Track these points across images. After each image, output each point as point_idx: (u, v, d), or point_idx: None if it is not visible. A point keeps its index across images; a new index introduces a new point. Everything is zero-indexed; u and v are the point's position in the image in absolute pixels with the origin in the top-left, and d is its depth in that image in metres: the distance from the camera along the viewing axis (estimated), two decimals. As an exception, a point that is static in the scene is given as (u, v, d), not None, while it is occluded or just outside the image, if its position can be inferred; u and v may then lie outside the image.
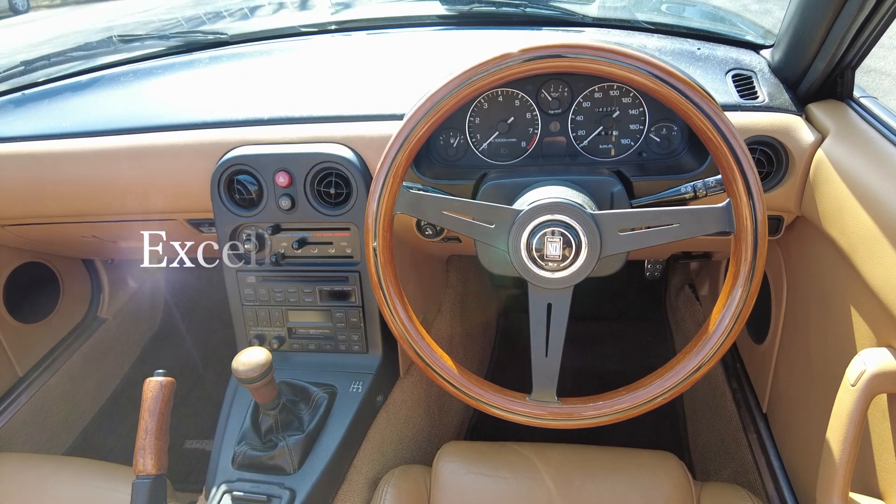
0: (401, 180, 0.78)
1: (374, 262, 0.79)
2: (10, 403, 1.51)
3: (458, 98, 0.75)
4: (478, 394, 0.80)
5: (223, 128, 1.11)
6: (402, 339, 0.81)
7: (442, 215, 0.78)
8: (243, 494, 0.91)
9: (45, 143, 1.21)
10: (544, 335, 0.80)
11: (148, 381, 0.88)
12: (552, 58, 0.72)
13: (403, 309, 0.81)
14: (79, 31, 11.27)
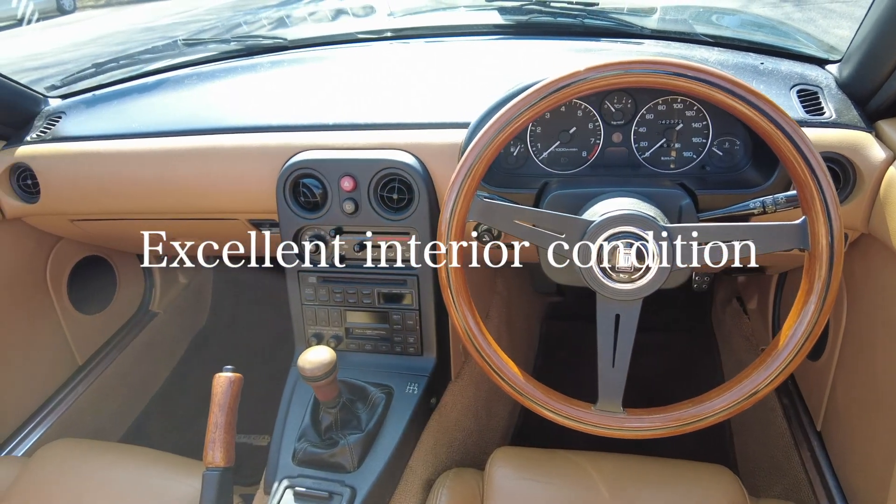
0: (475, 189, 0.79)
1: (446, 268, 0.81)
2: (70, 391, 1.57)
3: (541, 107, 0.76)
4: (544, 401, 0.81)
5: (289, 132, 1.14)
6: (469, 344, 0.83)
7: (513, 224, 0.80)
8: (305, 490, 0.93)
9: (114, 142, 1.26)
10: (612, 346, 0.81)
11: (217, 376, 0.90)
12: (642, 73, 0.73)
13: (471, 314, 0.82)
14: (121, 30, 11.61)
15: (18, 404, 1.47)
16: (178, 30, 11.07)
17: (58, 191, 1.30)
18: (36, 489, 1.09)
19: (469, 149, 0.78)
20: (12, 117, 1.37)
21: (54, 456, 1.14)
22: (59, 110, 1.40)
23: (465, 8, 1.57)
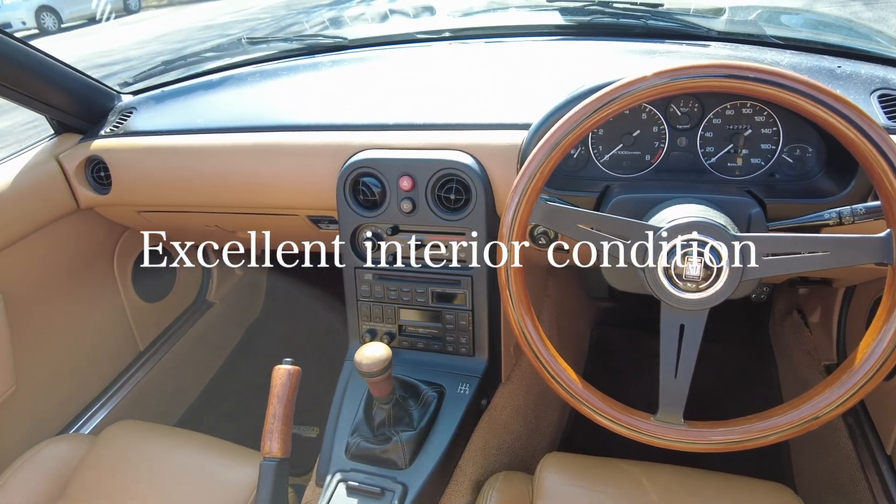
0: (539, 191, 0.79)
1: (506, 270, 0.81)
2: (131, 375, 1.64)
3: (613, 109, 0.75)
4: (602, 410, 0.80)
5: (350, 131, 1.16)
6: (526, 347, 0.82)
7: (576, 228, 0.79)
8: (358, 484, 0.95)
9: (182, 137, 1.30)
10: (675, 356, 0.79)
11: (277, 368, 0.93)
12: (723, 78, 0.71)
13: (529, 316, 0.82)
14: (181, 29, 12.03)
15: (86, 385, 1.55)
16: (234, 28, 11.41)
17: (128, 183, 1.36)
18: (103, 466, 1.14)
19: (536, 150, 0.78)
20: (89, 112, 1.44)
21: (119, 436, 1.19)
22: (130, 106, 1.46)
23: (525, 9, 1.56)
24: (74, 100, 1.39)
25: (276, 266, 2.17)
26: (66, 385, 1.49)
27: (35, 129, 6.46)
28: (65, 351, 1.47)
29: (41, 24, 11.85)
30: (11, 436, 1.34)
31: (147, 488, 1.10)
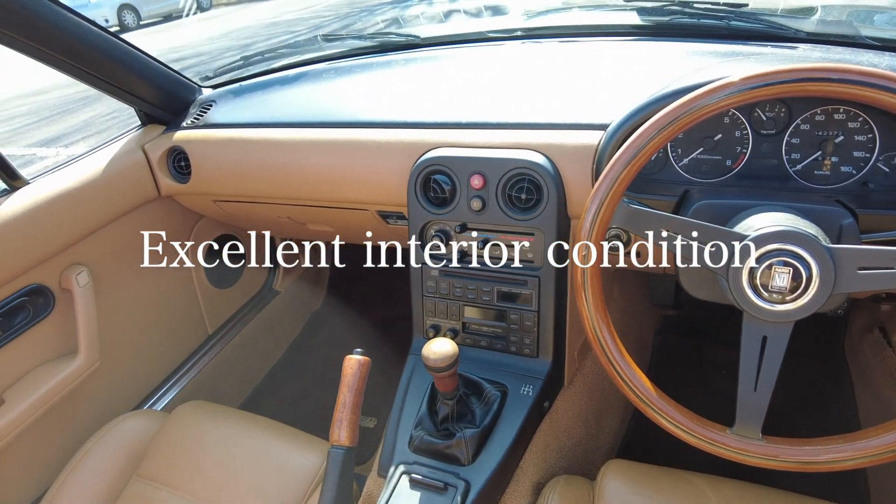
0: (622, 193, 0.77)
1: (582, 272, 0.80)
2: (200, 357, 1.71)
3: (705, 111, 0.73)
4: (676, 419, 0.78)
5: (423, 129, 1.17)
6: (599, 352, 0.81)
7: (659, 233, 0.77)
8: (421, 478, 0.96)
9: (258, 130, 1.35)
10: (755, 368, 0.76)
11: (348, 358, 0.95)
12: (836, 83, 0.68)
13: (604, 320, 0.81)
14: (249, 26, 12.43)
15: (159, 364, 1.62)
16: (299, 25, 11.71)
17: (206, 173, 1.42)
18: (175, 443, 1.19)
19: (622, 150, 0.77)
20: (172, 104, 1.51)
21: (190, 415, 1.25)
22: (210, 99, 1.52)
23: (601, 8, 1.53)
24: (160, 92, 1.47)
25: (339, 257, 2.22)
26: (141, 363, 1.56)
27: (114, 121, 6.82)
28: (141, 330, 1.55)
29: (122, 21, 12.55)
30: (94, 407, 1.42)
31: (215, 468, 1.15)
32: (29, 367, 1.28)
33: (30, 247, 1.22)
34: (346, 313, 2.21)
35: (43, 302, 1.29)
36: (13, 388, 1.24)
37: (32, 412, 1.23)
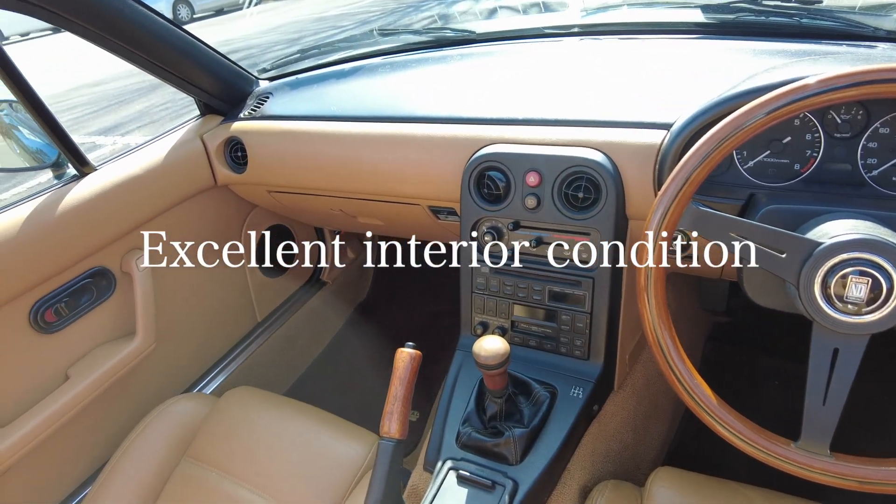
0: (691, 195, 0.75)
1: (646, 274, 0.78)
2: (249, 344, 1.75)
3: (785, 112, 0.70)
4: (738, 430, 0.76)
5: (478, 124, 1.16)
6: (659, 356, 0.79)
7: (728, 237, 0.75)
8: (469, 475, 0.96)
9: (314, 123, 1.36)
10: (824, 381, 0.73)
11: (400, 351, 0.95)
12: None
13: (667, 325, 0.79)
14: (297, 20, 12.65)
15: (209, 348, 1.67)
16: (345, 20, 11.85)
17: (262, 163, 1.44)
18: (224, 427, 1.22)
19: (693, 151, 0.74)
20: (231, 96, 1.54)
21: (239, 401, 1.27)
22: (267, 91, 1.55)
23: (663, 5, 1.49)
24: (220, 83, 1.50)
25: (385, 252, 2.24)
26: (192, 347, 1.61)
27: (167, 111, 7.04)
28: (194, 316, 1.59)
29: (177, 15, 12.95)
30: (148, 388, 1.47)
31: (263, 453, 1.17)
32: (91, 347, 1.33)
33: (96, 230, 1.27)
34: (390, 306, 2.23)
35: (105, 284, 1.34)
36: (76, 365, 1.29)
37: (93, 389, 1.28)
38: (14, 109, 1.47)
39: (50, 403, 1.21)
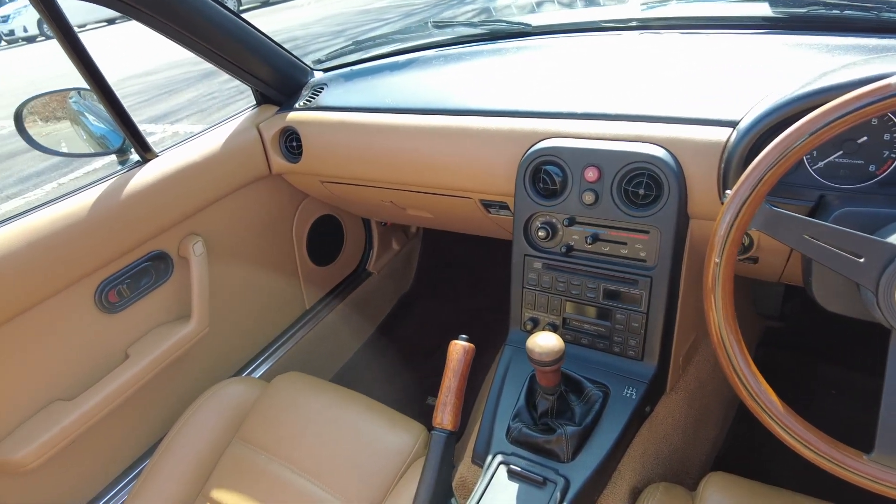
0: (765, 195, 0.73)
1: (714, 274, 0.76)
2: (297, 330, 1.78)
3: (870, 111, 0.67)
4: (807, 440, 0.73)
5: (535, 118, 1.15)
6: (725, 362, 0.77)
7: (801, 239, 0.72)
8: (520, 470, 0.95)
9: (368, 115, 1.37)
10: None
11: (454, 343, 0.95)
12: None
13: (733, 330, 0.77)
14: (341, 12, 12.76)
15: (259, 334, 1.70)
16: (389, 13, 11.90)
17: (316, 154, 1.46)
18: (273, 411, 1.24)
19: (770, 149, 0.72)
20: (287, 86, 1.56)
21: (288, 386, 1.30)
22: (322, 82, 1.57)
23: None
24: (276, 74, 1.52)
25: (431, 243, 2.25)
26: (243, 332, 1.65)
27: (214, 100, 7.20)
28: (245, 301, 1.63)
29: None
30: (200, 371, 1.51)
31: (312, 438, 1.19)
32: (149, 328, 1.38)
33: (157, 214, 1.30)
34: (433, 299, 2.24)
35: (164, 267, 1.38)
36: (135, 345, 1.33)
37: (151, 369, 1.32)
38: (82, 97, 1.52)
39: (112, 380, 1.26)
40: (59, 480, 1.24)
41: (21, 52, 16.27)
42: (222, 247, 1.51)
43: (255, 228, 1.60)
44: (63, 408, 1.20)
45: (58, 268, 1.15)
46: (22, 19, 16.88)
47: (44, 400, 1.20)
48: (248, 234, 1.59)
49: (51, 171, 5.87)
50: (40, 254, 1.11)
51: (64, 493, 1.26)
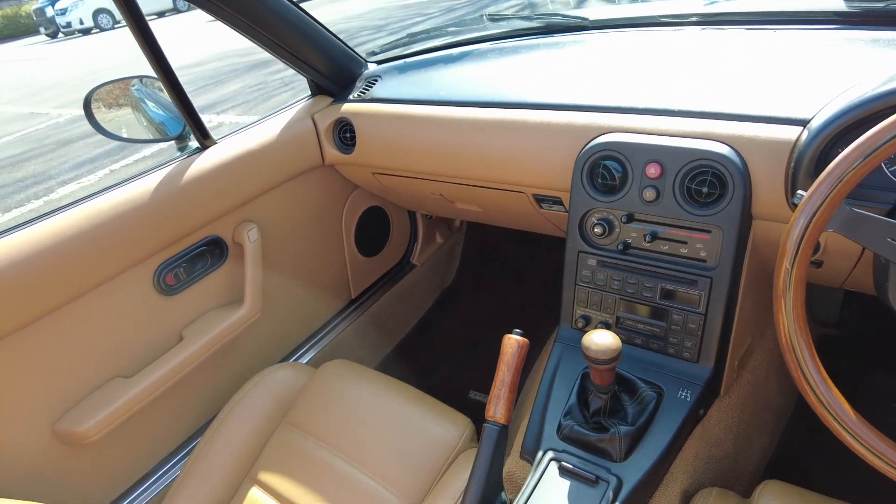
0: (843, 197, 0.70)
1: (785, 278, 0.74)
2: (342, 320, 1.81)
3: None
4: (880, 451, 0.71)
5: (595, 112, 1.13)
6: (794, 368, 0.75)
7: (884, 242, 0.69)
8: (572, 467, 0.94)
9: (422, 107, 1.37)
10: None
11: (508, 337, 0.94)
12: None
13: (804, 335, 0.74)
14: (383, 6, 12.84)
15: (306, 321, 1.73)
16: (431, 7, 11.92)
17: (369, 145, 1.47)
18: (321, 397, 1.26)
19: (853, 148, 0.69)
20: (341, 77, 1.58)
21: (336, 373, 1.31)
22: (376, 74, 1.58)
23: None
24: (332, 64, 1.54)
25: (474, 237, 2.25)
26: (291, 319, 1.67)
27: (260, 92, 7.34)
28: (295, 288, 1.65)
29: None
30: (250, 356, 1.54)
31: (359, 426, 1.20)
32: (202, 311, 1.41)
33: (214, 200, 1.33)
34: (476, 293, 2.24)
35: (218, 252, 1.41)
36: (190, 327, 1.37)
37: (204, 351, 1.35)
38: (144, 85, 1.57)
39: (167, 361, 1.29)
40: (117, 454, 1.28)
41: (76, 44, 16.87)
42: (274, 234, 1.54)
43: (305, 217, 1.62)
44: (122, 385, 1.24)
45: (120, 250, 1.19)
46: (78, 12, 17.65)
47: (105, 376, 1.24)
48: (299, 223, 1.61)
49: (103, 157, 6.08)
50: (105, 236, 1.15)
51: (121, 466, 1.30)
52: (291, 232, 1.59)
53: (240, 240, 1.43)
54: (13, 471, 1.13)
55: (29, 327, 1.10)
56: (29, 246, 1.06)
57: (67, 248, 1.10)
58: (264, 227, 1.49)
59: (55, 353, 1.15)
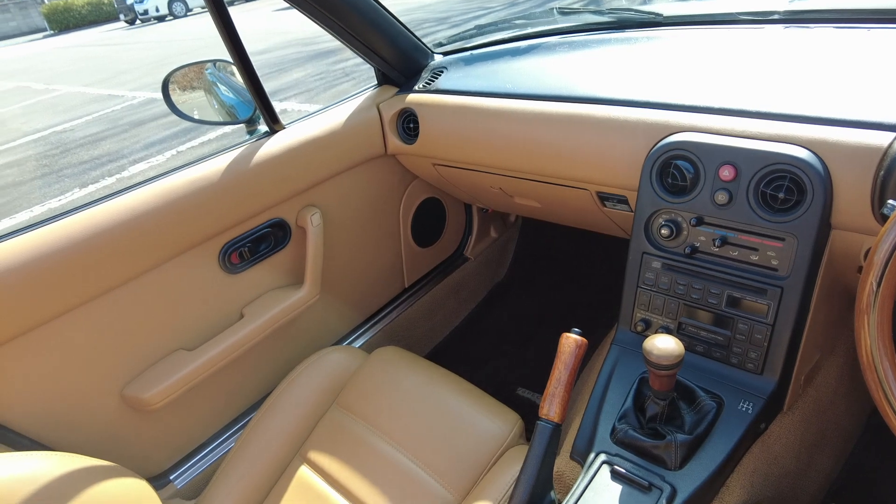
0: None
1: (870, 294, 0.69)
2: (395, 307, 1.83)
3: None
4: None
5: (667, 110, 1.10)
6: (875, 388, 0.71)
7: None
8: (625, 472, 0.93)
9: (487, 100, 1.36)
10: None
11: (566, 336, 0.93)
12: None
13: (889, 355, 0.70)
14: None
15: (360, 306, 1.76)
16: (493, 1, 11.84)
17: (432, 136, 1.48)
18: (372, 382, 1.28)
19: None
20: (408, 67, 1.59)
21: (388, 359, 1.33)
22: (441, 65, 1.58)
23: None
24: (400, 55, 1.55)
25: (528, 233, 2.23)
26: (347, 303, 1.70)
27: (321, 80, 7.47)
28: (352, 274, 1.68)
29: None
30: (306, 337, 1.58)
31: (408, 414, 1.21)
32: (263, 291, 1.45)
33: (281, 184, 1.37)
34: (527, 289, 2.22)
35: (282, 235, 1.45)
36: (250, 306, 1.41)
37: (263, 330, 1.39)
38: (217, 69, 1.62)
39: (228, 337, 1.34)
40: (177, 422, 1.34)
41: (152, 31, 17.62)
42: (335, 220, 1.57)
43: (365, 205, 1.65)
44: (185, 357, 1.29)
45: (190, 227, 1.24)
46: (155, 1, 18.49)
47: (169, 348, 1.29)
48: (359, 211, 1.63)
49: (171, 139, 6.34)
50: (176, 213, 1.20)
51: (180, 434, 1.36)
52: (351, 218, 1.62)
53: (303, 224, 1.46)
54: (86, 431, 1.20)
55: (104, 297, 1.16)
56: (107, 220, 1.12)
57: (142, 223, 1.15)
58: (326, 213, 1.52)
59: (126, 322, 1.21)
